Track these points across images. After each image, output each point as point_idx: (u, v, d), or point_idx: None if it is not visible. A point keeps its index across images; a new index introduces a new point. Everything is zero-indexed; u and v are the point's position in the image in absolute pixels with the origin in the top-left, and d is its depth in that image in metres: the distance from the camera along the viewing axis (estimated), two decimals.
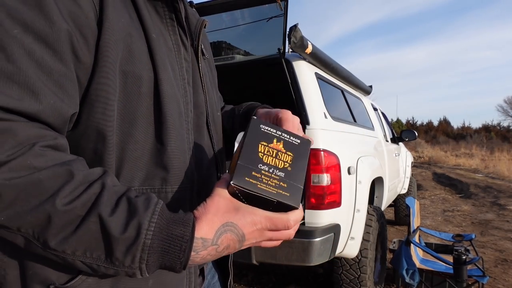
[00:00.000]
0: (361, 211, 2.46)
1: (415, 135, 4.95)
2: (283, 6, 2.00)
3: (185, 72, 0.63)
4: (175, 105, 0.59)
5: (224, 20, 2.36)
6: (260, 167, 0.54)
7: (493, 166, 14.80)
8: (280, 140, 0.57)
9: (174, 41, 0.62)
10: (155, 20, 0.60)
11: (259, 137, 0.56)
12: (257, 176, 0.53)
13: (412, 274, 2.61)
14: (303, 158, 0.57)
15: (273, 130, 0.58)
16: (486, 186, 9.68)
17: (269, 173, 0.54)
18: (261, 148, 0.55)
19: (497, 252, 4.27)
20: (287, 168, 0.55)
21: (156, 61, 0.56)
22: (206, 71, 0.75)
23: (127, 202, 0.47)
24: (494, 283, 3.33)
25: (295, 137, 0.59)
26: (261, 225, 0.51)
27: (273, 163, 0.55)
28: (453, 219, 6.14)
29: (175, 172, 0.58)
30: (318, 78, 2.56)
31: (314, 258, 2.09)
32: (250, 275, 3.40)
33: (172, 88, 0.58)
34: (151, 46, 0.56)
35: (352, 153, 2.52)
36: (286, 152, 0.56)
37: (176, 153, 0.58)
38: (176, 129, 0.58)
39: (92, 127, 0.51)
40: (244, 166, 0.53)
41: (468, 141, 31.17)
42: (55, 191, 0.43)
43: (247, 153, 0.54)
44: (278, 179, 0.54)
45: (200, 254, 0.49)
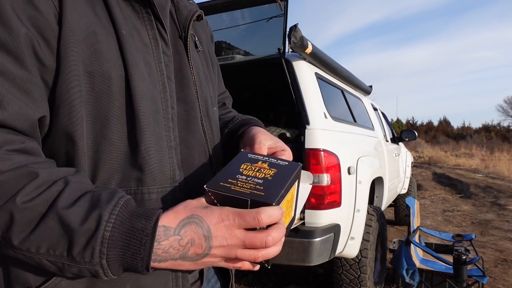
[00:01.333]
0: (361, 211, 2.46)
1: (415, 135, 4.95)
2: (283, 6, 2.00)
3: (163, 67, 0.61)
4: (148, 103, 0.56)
5: (224, 20, 2.36)
6: (238, 177, 0.53)
7: (493, 166, 14.81)
8: (265, 162, 0.57)
9: (152, 36, 0.60)
10: (130, 16, 0.58)
11: (244, 161, 0.57)
12: (232, 182, 0.52)
13: (412, 274, 2.61)
14: (288, 175, 0.54)
15: (260, 156, 0.58)
16: (486, 186, 9.68)
17: (246, 180, 0.52)
18: (243, 166, 0.55)
19: (497, 252, 4.27)
20: (268, 178, 0.53)
21: (127, 58, 0.54)
22: (200, 64, 0.73)
23: (90, 196, 0.47)
24: (494, 283, 3.33)
25: (285, 161, 0.57)
26: (228, 220, 0.47)
27: (253, 174, 0.53)
28: (453, 219, 6.15)
29: (150, 172, 0.56)
30: (318, 78, 2.56)
31: (314, 258, 2.09)
32: (250, 275, 3.40)
33: (145, 85, 0.56)
34: (121, 43, 0.55)
35: (352, 153, 2.52)
36: (270, 168, 0.55)
37: (151, 152, 0.56)
38: (150, 127, 0.56)
39: (61, 131, 0.51)
40: (221, 176, 0.53)
41: (468, 141, 31.18)
42: (17, 191, 0.43)
43: (227, 169, 0.54)
44: (255, 184, 0.51)
45: (162, 244, 0.46)
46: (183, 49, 0.68)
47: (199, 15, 0.73)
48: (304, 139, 2.16)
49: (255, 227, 0.48)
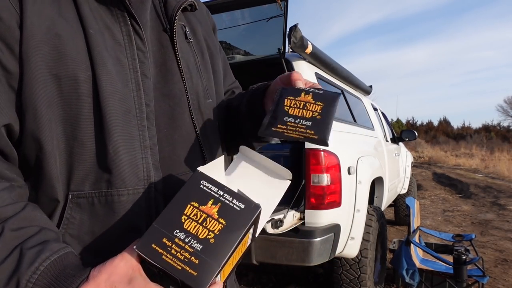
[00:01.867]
0: (361, 211, 2.46)
1: (415, 135, 4.95)
2: (283, 6, 2.00)
3: (137, 64, 0.59)
4: (117, 102, 0.55)
5: (224, 20, 2.36)
6: (176, 234, 0.46)
7: (493, 166, 14.81)
8: (217, 203, 0.48)
9: (126, 33, 0.59)
10: (101, 14, 0.57)
11: (192, 195, 0.49)
12: (166, 245, 0.45)
13: (412, 274, 2.61)
14: (238, 229, 0.47)
15: (214, 189, 0.50)
16: (486, 186, 9.68)
17: (183, 243, 0.45)
18: (188, 209, 0.48)
19: (497, 252, 4.27)
20: (210, 239, 0.46)
21: (94, 58, 0.53)
22: (192, 55, 0.70)
23: (19, 253, 0.45)
24: (494, 283, 3.33)
25: (241, 200, 0.49)
26: None
27: (194, 230, 0.46)
28: (453, 219, 6.15)
29: (119, 174, 0.54)
30: (318, 78, 2.56)
31: (314, 258, 2.09)
32: (250, 275, 3.40)
33: (113, 84, 0.55)
34: (88, 43, 0.54)
35: (352, 153, 2.52)
36: (218, 219, 0.47)
37: (120, 153, 0.54)
38: (119, 127, 0.55)
39: (29, 136, 0.51)
40: (157, 230, 0.47)
41: (468, 141, 31.17)
42: None
43: (169, 213, 0.48)
44: (191, 253, 0.45)
45: None
46: (168, 43, 0.65)
47: (191, 4, 0.71)
48: None
49: None
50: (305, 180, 2.12)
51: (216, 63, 0.78)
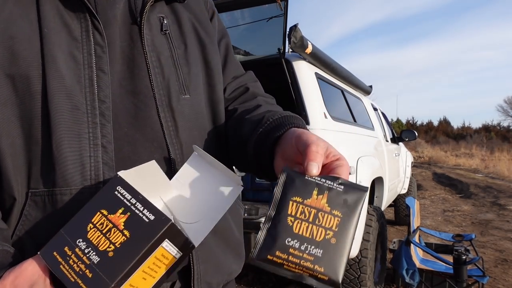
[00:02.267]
0: None
1: (415, 135, 4.95)
2: (283, 6, 2.00)
3: (93, 60, 0.57)
4: (63, 99, 0.54)
5: (224, 20, 2.36)
6: (78, 243, 0.45)
7: (493, 166, 14.81)
8: (126, 212, 0.46)
9: (84, 28, 0.58)
10: (62, 12, 0.57)
11: (104, 202, 0.47)
12: (66, 254, 0.45)
13: (412, 274, 2.61)
14: (141, 244, 0.44)
15: (128, 197, 0.47)
16: (486, 186, 9.68)
17: (82, 254, 0.44)
18: (96, 217, 0.46)
19: (497, 252, 4.27)
20: (109, 252, 0.44)
21: (45, 56, 0.54)
22: (168, 47, 0.65)
23: None
24: (494, 283, 3.33)
25: (152, 211, 0.46)
26: None
27: (96, 241, 0.45)
28: (453, 219, 6.15)
29: (61, 173, 0.53)
30: (318, 78, 2.56)
31: None
32: (250, 275, 3.40)
33: (60, 81, 0.54)
34: (42, 42, 0.54)
35: (352, 153, 2.52)
36: (123, 230, 0.45)
37: (63, 151, 0.53)
38: (64, 125, 0.54)
39: None
40: (62, 237, 0.46)
41: (468, 141, 31.17)
42: None
43: (77, 220, 0.47)
44: (87, 265, 0.43)
45: None
46: (138, 36, 0.62)
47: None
48: None
49: None
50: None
51: (210, 53, 0.71)
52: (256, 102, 0.74)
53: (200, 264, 0.63)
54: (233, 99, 0.76)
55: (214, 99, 0.71)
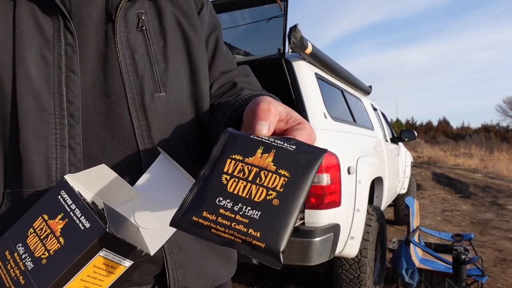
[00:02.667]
0: (361, 211, 2.47)
1: (415, 135, 4.96)
2: (283, 6, 2.01)
3: (62, 60, 0.57)
4: (30, 100, 0.54)
5: (224, 20, 2.36)
6: (17, 248, 0.45)
7: (492, 166, 14.82)
8: (65, 218, 0.44)
9: (56, 29, 0.57)
10: (36, 13, 0.57)
11: (46, 206, 0.46)
12: (6, 258, 0.45)
13: (412, 273, 2.62)
14: (73, 252, 0.42)
15: (69, 202, 0.45)
16: (485, 186, 9.69)
17: (19, 259, 0.44)
18: (37, 222, 0.45)
19: (496, 252, 4.28)
20: (42, 259, 0.43)
21: (16, 57, 0.54)
22: (144, 44, 0.63)
23: None
24: (493, 283, 3.34)
25: (88, 218, 0.43)
26: None
27: (33, 247, 0.44)
28: (452, 218, 6.16)
29: (26, 174, 0.54)
30: (318, 78, 2.56)
31: (314, 257, 2.10)
32: (250, 275, 3.41)
33: (28, 82, 0.54)
34: (14, 44, 0.55)
35: (352, 153, 2.52)
36: (59, 237, 0.43)
37: (29, 153, 0.54)
38: (30, 126, 0.54)
39: None
40: (5, 240, 0.46)
41: (468, 141, 31.19)
42: None
43: (21, 224, 0.46)
44: (22, 271, 0.43)
45: None
46: (112, 34, 0.60)
47: None
48: None
49: None
50: None
51: (194, 48, 0.68)
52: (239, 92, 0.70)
53: (176, 269, 0.61)
54: (220, 95, 0.72)
55: (198, 95, 0.68)
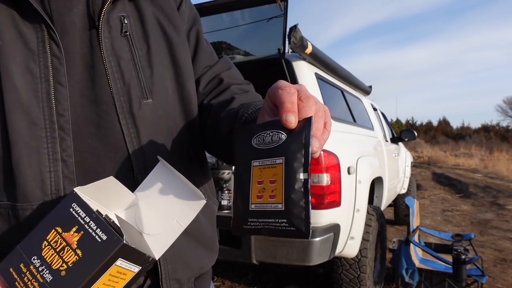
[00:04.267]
0: (361, 211, 2.47)
1: (415, 135, 4.96)
2: (283, 6, 2.01)
3: (49, 72, 0.55)
4: (20, 115, 0.53)
5: (224, 20, 2.36)
6: (33, 261, 0.47)
7: (492, 166, 14.82)
8: (80, 231, 0.47)
9: (40, 39, 0.55)
10: (18, 22, 0.55)
11: (59, 219, 0.48)
12: (22, 271, 0.47)
13: (412, 273, 2.62)
14: (93, 264, 0.45)
15: (82, 214, 0.47)
16: (485, 186, 9.69)
17: (36, 272, 0.46)
18: (51, 235, 0.47)
19: (496, 252, 4.28)
20: (61, 271, 0.46)
21: (1, 70, 0.53)
22: (128, 49, 0.62)
23: None
24: (493, 283, 3.34)
25: (104, 231, 0.46)
26: None
27: (50, 259, 0.46)
28: (452, 218, 6.16)
29: (20, 188, 0.53)
30: (318, 78, 2.56)
31: (314, 257, 2.10)
32: (250, 275, 3.41)
33: (16, 96, 0.53)
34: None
35: (352, 153, 2.52)
36: (76, 250, 0.46)
37: (22, 168, 0.53)
38: (22, 141, 0.53)
39: None
40: (18, 253, 0.48)
41: (468, 141, 31.18)
42: None
43: (33, 237, 0.48)
44: (40, 284, 0.46)
45: None
46: (97, 41, 0.59)
47: None
48: None
49: None
50: None
51: (177, 50, 0.68)
52: (230, 94, 0.71)
53: (167, 264, 0.63)
54: (208, 93, 0.73)
55: (185, 97, 0.68)
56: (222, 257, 2.39)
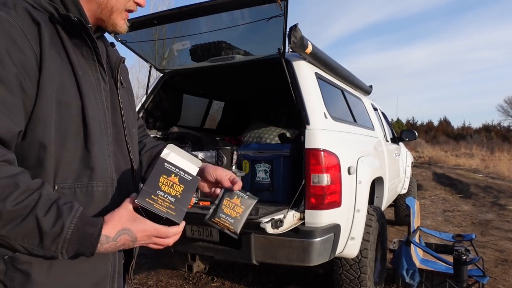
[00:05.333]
0: (361, 211, 2.46)
1: (415, 135, 4.95)
2: (283, 6, 2.00)
3: (104, 99, 0.85)
4: (96, 124, 0.81)
5: (224, 20, 2.35)
6: (158, 193, 0.77)
7: (493, 166, 14.80)
8: (176, 176, 0.80)
9: (96, 77, 0.84)
10: (81, 61, 0.82)
11: (162, 171, 0.79)
12: (155, 198, 0.76)
13: (412, 274, 2.61)
14: (191, 191, 0.81)
15: (173, 168, 0.81)
16: (486, 186, 9.68)
17: (164, 197, 0.77)
18: (162, 179, 0.79)
19: (497, 252, 4.27)
20: (178, 196, 0.79)
21: (82, 91, 0.78)
22: (125, 96, 0.97)
23: (57, 207, 0.69)
24: (494, 283, 3.33)
25: (188, 174, 0.82)
26: (149, 232, 0.77)
27: (168, 191, 0.78)
28: (453, 219, 6.14)
29: (98, 172, 0.80)
30: (318, 78, 2.55)
31: (314, 258, 2.09)
32: (250, 275, 3.40)
33: (94, 111, 0.80)
34: (78, 81, 0.78)
35: (352, 153, 2.52)
36: (179, 184, 0.80)
37: (98, 158, 0.81)
38: (98, 141, 0.81)
39: (36, 140, 0.72)
40: (147, 191, 0.76)
41: (468, 141, 31.14)
42: (6, 196, 0.64)
43: (151, 181, 0.77)
44: (169, 202, 0.77)
45: (103, 246, 0.73)
46: (114, 86, 0.93)
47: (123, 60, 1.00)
48: (304, 139, 2.16)
49: (165, 237, 0.79)
50: (305, 180, 2.12)
51: (134, 102, 1.06)
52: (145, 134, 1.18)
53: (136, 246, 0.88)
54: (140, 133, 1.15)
55: None
56: (222, 258, 2.38)
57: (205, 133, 3.72)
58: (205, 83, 3.65)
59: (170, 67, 3.05)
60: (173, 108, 3.49)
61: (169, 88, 3.30)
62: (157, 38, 2.69)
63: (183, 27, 2.53)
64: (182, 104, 3.63)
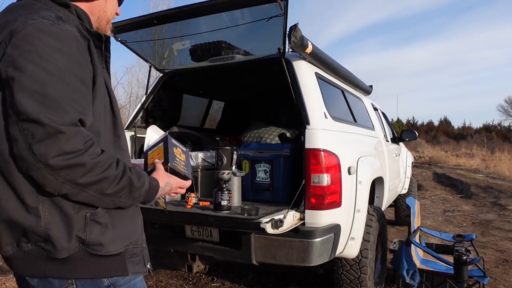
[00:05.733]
0: (362, 211, 2.46)
1: (416, 135, 4.94)
2: (283, 5, 2.00)
3: (115, 96, 1.08)
4: (119, 115, 1.05)
5: (224, 20, 2.35)
6: (176, 159, 1.15)
7: (493, 166, 14.79)
8: (178, 148, 1.20)
9: (106, 78, 1.04)
10: (105, 77, 1.03)
11: (172, 145, 1.17)
12: (176, 163, 1.14)
13: (413, 274, 2.60)
14: (188, 158, 1.24)
15: (176, 143, 1.21)
16: (487, 186, 9.67)
17: (179, 162, 1.16)
18: (175, 150, 1.17)
19: (498, 253, 4.26)
20: (184, 161, 1.19)
21: (109, 91, 1.04)
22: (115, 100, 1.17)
23: (135, 170, 0.98)
24: (495, 284, 3.32)
25: (184, 147, 1.24)
26: (178, 184, 1.14)
27: (180, 157, 1.17)
28: (453, 219, 6.14)
29: (125, 151, 1.07)
30: (318, 78, 2.55)
31: (314, 258, 2.09)
32: (250, 275, 3.40)
33: (117, 105, 1.07)
34: (106, 83, 1.02)
35: (352, 153, 2.51)
36: (182, 154, 1.20)
37: (124, 141, 1.08)
38: (121, 128, 1.06)
39: (95, 129, 0.94)
40: (173, 158, 1.14)
41: (469, 141, 31.12)
42: (111, 163, 0.90)
43: (170, 153, 1.14)
44: (183, 165, 1.17)
45: (158, 194, 1.05)
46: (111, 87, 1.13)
47: None
48: (304, 139, 2.16)
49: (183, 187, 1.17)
50: (305, 180, 2.11)
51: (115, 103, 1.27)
52: None
53: None
54: None
55: None
56: (222, 258, 2.38)
57: (205, 133, 3.71)
58: (205, 83, 3.64)
59: (170, 67, 3.05)
60: (173, 108, 3.49)
61: (169, 88, 3.29)
62: (157, 38, 2.69)
63: (183, 27, 2.53)
64: (182, 104, 3.62)
